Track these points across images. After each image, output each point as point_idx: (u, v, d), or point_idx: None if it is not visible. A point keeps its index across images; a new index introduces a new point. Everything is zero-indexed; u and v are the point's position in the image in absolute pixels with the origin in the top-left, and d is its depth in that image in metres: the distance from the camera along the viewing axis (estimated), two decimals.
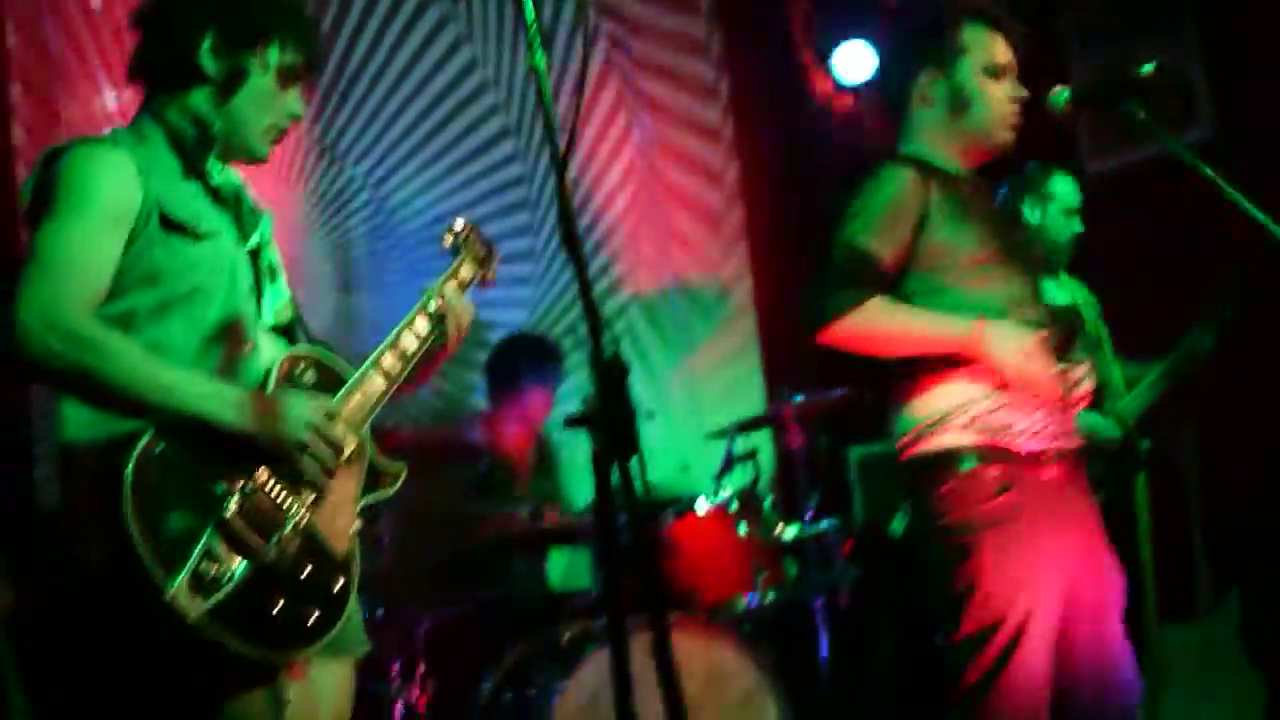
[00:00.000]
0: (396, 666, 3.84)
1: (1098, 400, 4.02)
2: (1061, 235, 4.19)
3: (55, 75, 4.32)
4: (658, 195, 5.85)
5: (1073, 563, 2.67)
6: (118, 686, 2.12)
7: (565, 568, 4.78)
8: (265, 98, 2.36)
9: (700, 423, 5.14)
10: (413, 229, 5.16)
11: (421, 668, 3.87)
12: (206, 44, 2.32)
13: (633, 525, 1.86)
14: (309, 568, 2.19)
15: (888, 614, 5.02)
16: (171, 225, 2.23)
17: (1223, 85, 4.98)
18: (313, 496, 2.23)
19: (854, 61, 5.69)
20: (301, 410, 2.20)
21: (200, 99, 2.33)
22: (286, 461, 2.18)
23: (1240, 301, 3.99)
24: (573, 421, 1.91)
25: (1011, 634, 2.58)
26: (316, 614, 2.18)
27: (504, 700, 3.78)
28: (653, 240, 5.80)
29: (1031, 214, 4.18)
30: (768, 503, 4.31)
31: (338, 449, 2.23)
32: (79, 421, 2.17)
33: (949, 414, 2.68)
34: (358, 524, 2.33)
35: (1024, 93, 2.90)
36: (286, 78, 2.39)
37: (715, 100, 6.03)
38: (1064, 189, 4.21)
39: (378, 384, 2.38)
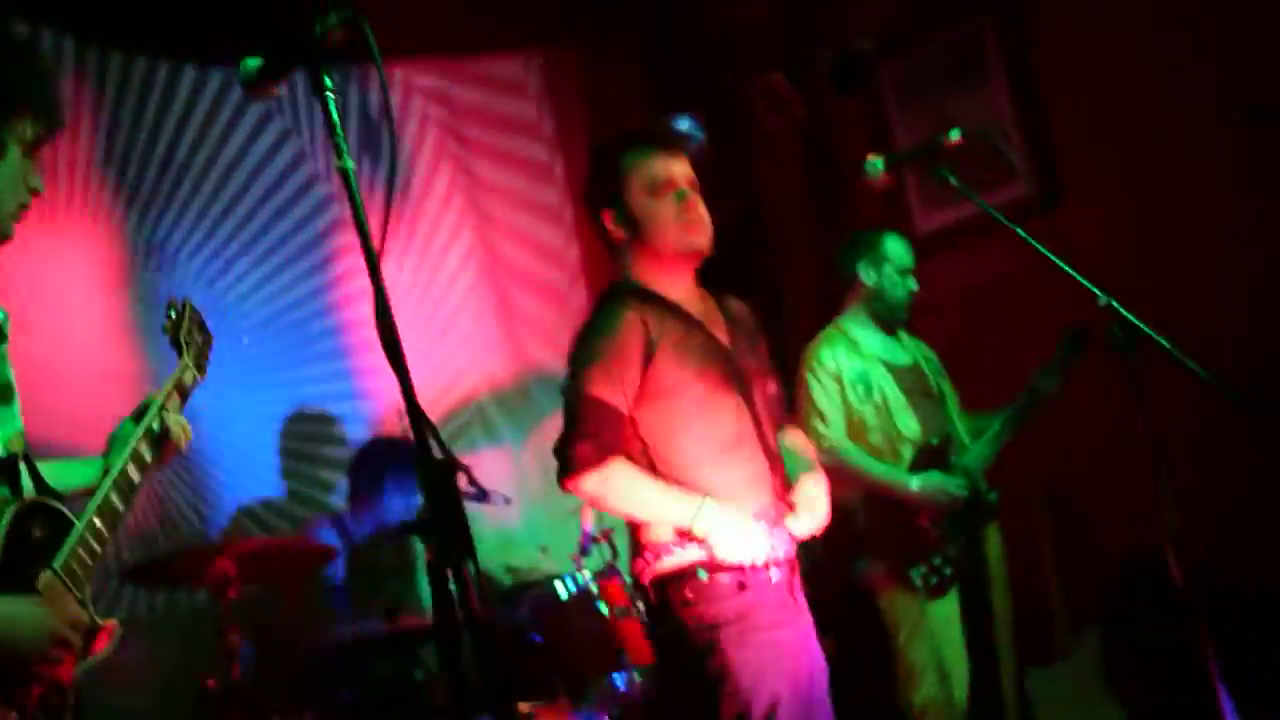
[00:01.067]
0: None
1: (944, 454, 4.12)
2: (899, 294, 4.31)
3: None
4: (500, 278, 5.85)
5: (801, 653, 2.93)
6: None
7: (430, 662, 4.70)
8: (16, 175, 2.25)
9: (557, 504, 5.10)
10: (247, 326, 5.05)
11: None
12: None
13: (472, 628, 1.83)
14: None
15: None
16: None
17: (1037, 138, 5.16)
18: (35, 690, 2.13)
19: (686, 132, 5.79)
20: (45, 626, 2.11)
21: None
22: (25, 673, 2.09)
23: (1078, 348, 4.12)
24: (406, 529, 1.88)
25: (765, 713, 2.81)
26: None
27: None
28: (498, 323, 5.79)
29: (867, 275, 4.29)
30: (629, 582, 4.30)
31: (75, 654, 2.17)
32: None
33: (677, 538, 2.91)
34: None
35: (693, 199, 3.05)
36: (34, 150, 2.28)
37: (551, 181, 6.06)
38: (896, 249, 4.33)
39: (102, 533, 2.27)
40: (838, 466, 4.08)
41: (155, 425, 2.43)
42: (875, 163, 3.41)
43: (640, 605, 4.09)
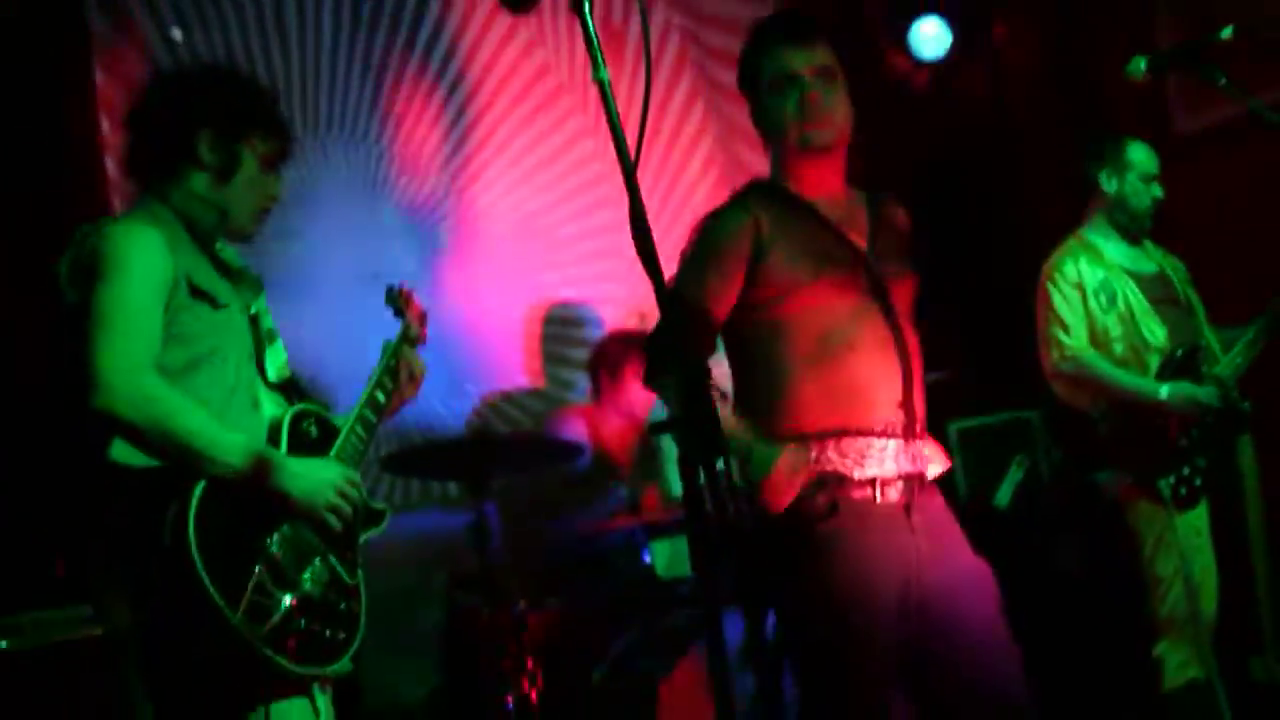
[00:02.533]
0: (506, 661, 3.91)
1: (1194, 364, 3.98)
2: (1142, 203, 4.17)
3: None
4: (739, 183, 5.84)
5: (889, 574, 2.70)
6: (184, 695, 2.45)
7: (669, 556, 4.84)
8: (254, 182, 2.73)
9: None
10: (497, 233, 5.24)
11: (530, 661, 3.94)
12: (204, 137, 2.67)
13: (722, 523, 1.90)
14: (333, 596, 2.59)
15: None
16: (198, 293, 2.58)
17: None
18: (328, 537, 2.62)
19: (930, 38, 5.67)
20: (330, 475, 2.61)
21: (200, 183, 2.69)
22: (313, 514, 2.57)
23: None
24: (657, 428, 1.96)
25: (819, 647, 2.67)
26: (342, 635, 2.59)
27: (613, 689, 3.85)
28: None
29: (1109, 184, 4.17)
30: None
31: (356, 508, 2.66)
32: (125, 450, 2.47)
33: (785, 439, 2.72)
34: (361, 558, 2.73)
35: (811, 90, 2.83)
36: (269, 164, 2.75)
37: None
38: (1140, 156, 4.18)
39: (362, 434, 2.82)
40: (1081, 376, 4.02)
41: (392, 363, 3.02)
42: (1139, 62, 3.27)
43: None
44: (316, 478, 2.58)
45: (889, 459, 2.75)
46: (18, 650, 3.36)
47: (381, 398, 2.93)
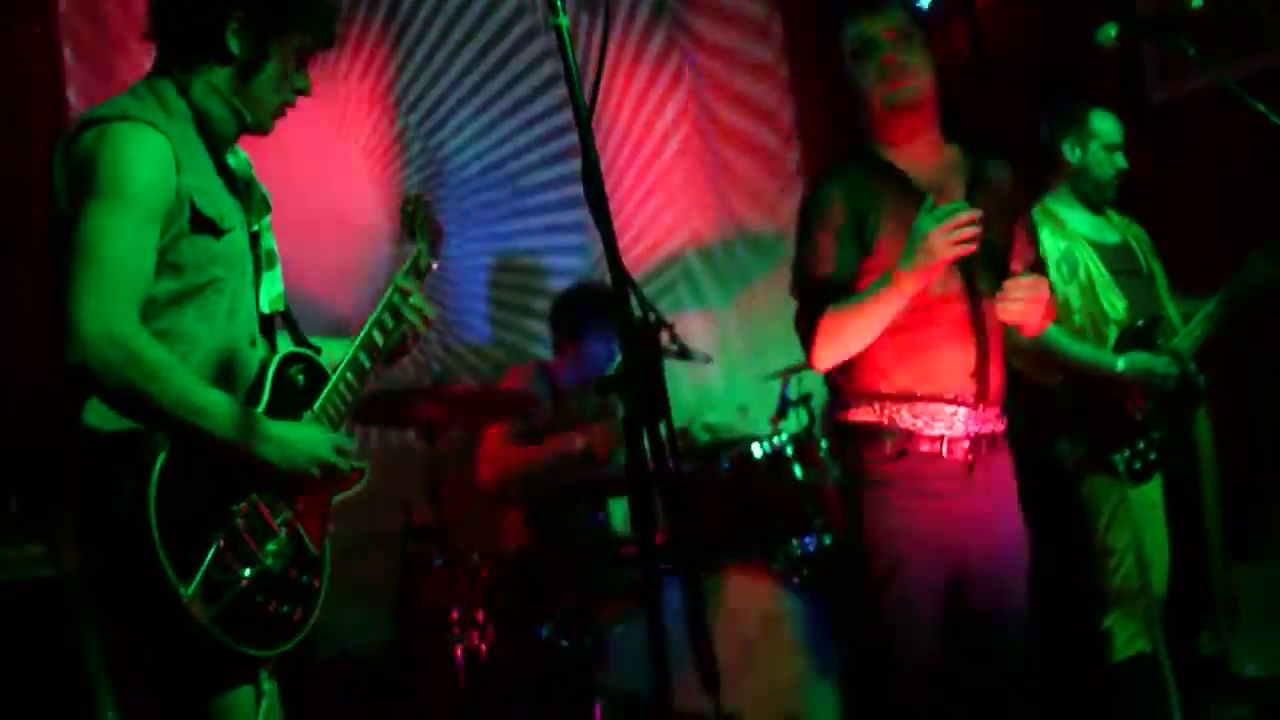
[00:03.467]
0: (456, 613, 3.89)
1: (1151, 335, 3.96)
2: (1104, 172, 4.14)
3: (105, 36, 4.37)
4: (712, 137, 5.81)
5: (958, 527, 2.97)
6: (131, 664, 2.34)
7: (625, 513, 4.83)
8: (282, 79, 2.45)
9: (759, 365, 5.13)
10: (465, 177, 5.17)
11: (481, 614, 3.92)
12: (234, 26, 2.38)
13: (662, 484, 1.87)
14: (294, 570, 2.38)
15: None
16: (201, 221, 2.33)
17: None
18: (299, 505, 2.40)
19: None
20: (317, 446, 2.38)
21: (222, 78, 2.41)
22: (291, 484, 2.35)
23: None
24: (603, 385, 1.92)
25: (877, 582, 2.97)
26: (300, 611, 2.38)
27: (563, 644, 3.84)
28: (708, 182, 5.77)
29: (1071, 153, 4.14)
30: (823, 446, 4.31)
31: (340, 480, 2.44)
32: (98, 411, 2.26)
33: (858, 395, 3.02)
34: (332, 526, 2.50)
35: (888, 51, 2.99)
36: (302, 59, 2.48)
37: (769, 39, 5.96)
38: (1104, 125, 4.14)
39: (352, 382, 2.55)
40: (1039, 348, 3.97)
41: (396, 300, 2.66)
42: (1109, 29, 3.23)
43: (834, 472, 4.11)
44: (298, 446, 2.34)
45: (959, 422, 2.97)
46: None
47: (379, 339, 2.60)
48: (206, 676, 2.30)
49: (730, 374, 5.45)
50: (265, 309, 2.50)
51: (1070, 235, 4.09)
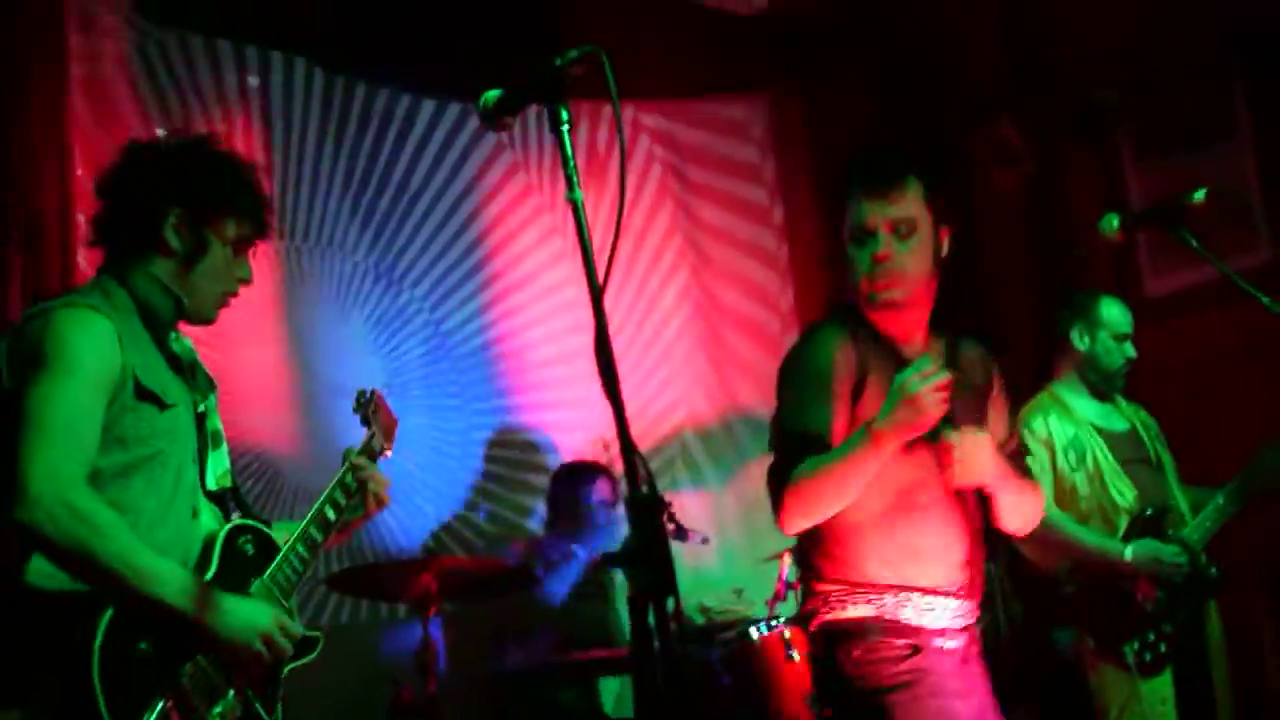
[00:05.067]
0: None
1: (1160, 525, 3.94)
2: (1114, 361, 4.14)
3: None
4: (713, 318, 5.87)
5: None
6: None
7: (618, 695, 4.72)
8: (221, 268, 2.57)
9: (756, 546, 5.08)
10: (466, 352, 5.21)
11: None
12: (171, 220, 2.51)
13: (667, 663, 1.82)
14: None
15: None
16: (144, 394, 2.42)
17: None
18: (249, 669, 2.45)
19: None
20: (259, 619, 2.43)
21: (163, 269, 2.53)
22: (234, 652, 2.39)
23: None
24: (609, 560, 1.90)
25: None
26: None
27: None
28: (708, 363, 5.81)
29: (1081, 341, 4.15)
30: None
31: (282, 655, 2.47)
32: (41, 570, 2.30)
33: (848, 591, 2.81)
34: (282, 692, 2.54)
35: (881, 249, 2.82)
36: (240, 248, 2.60)
37: (769, 224, 6.08)
38: (1113, 314, 4.16)
39: (303, 554, 2.62)
40: (1046, 535, 3.92)
41: (348, 479, 2.78)
42: (1111, 220, 3.29)
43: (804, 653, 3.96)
44: (246, 620, 2.40)
45: (955, 615, 2.83)
46: None
47: (331, 515, 2.69)
48: None
49: (726, 555, 5.40)
50: (213, 485, 2.59)
51: (1078, 421, 4.09)
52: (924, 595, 2.79)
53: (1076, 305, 4.20)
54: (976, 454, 2.77)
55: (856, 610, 2.80)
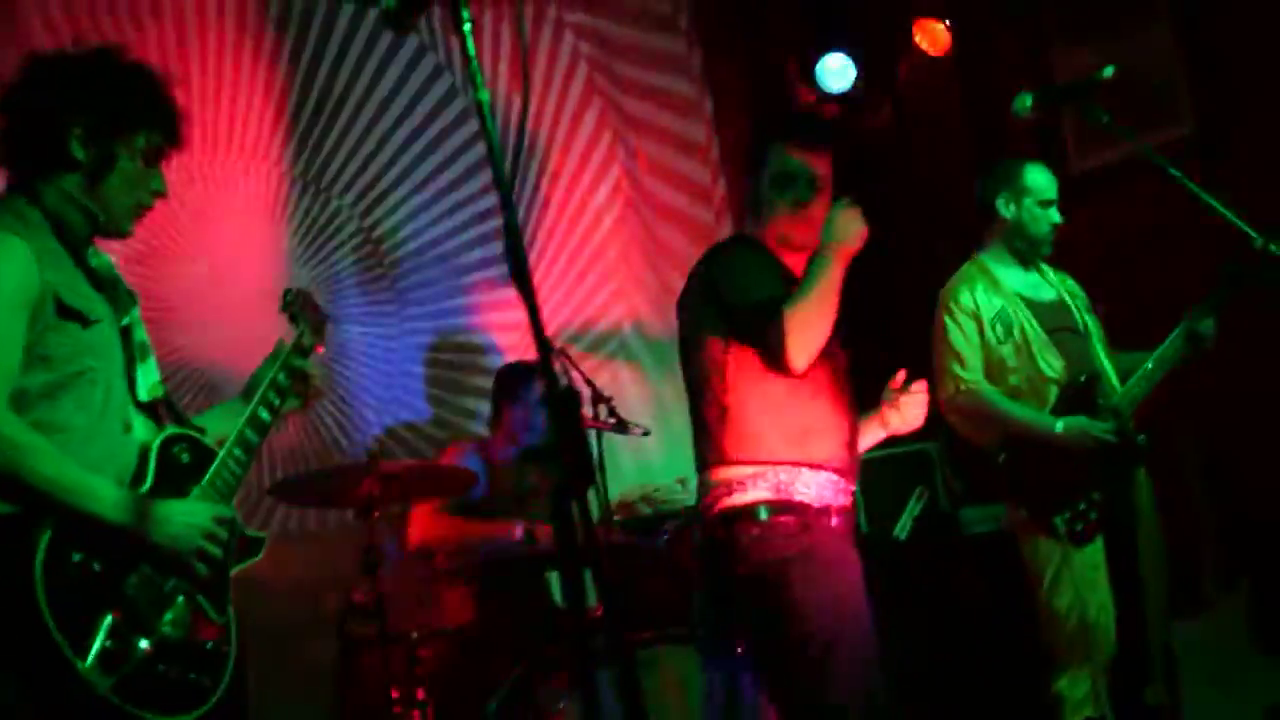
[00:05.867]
0: (397, 692, 3.85)
1: (1091, 395, 3.97)
2: (1040, 228, 4.11)
3: None
4: (646, 214, 5.87)
5: (859, 597, 3.06)
6: None
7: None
8: (132, 180, 2.53)
9: None
10: (401, 257, 5.20)
11: (422, 692, 3.88)
12: (76, 134, 2.47)
13: (589, 555, 1.87)
14: (197, 638, 2.46)
15: (892, 618, 5.01)
16: (67, 312, 2.41)
17: (1200, 80, 4.98)
18: (198, 578, 2.48)
19: (837, 71, 5.73)
20: (197, 518, 2.46)
21: (73, 183, 2.49)
22: (177, 556, 2.43)
23: (1236, 286, 3.95)
24: (529, 455, 1.93)
25: (829, 639, 2.96)
26: (207, 679, 2.45)
27: None
28: (643, 258, 5.82)
29: (1006, 209, 4.11)
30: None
31: (226, 550, 2.52)
32: None
33: (749, 475, 3.07)
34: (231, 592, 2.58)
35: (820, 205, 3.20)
36: (151, 159, 2.56)
37: (699, 117, 6.05)
38: (1038, 180, 4.11)
39: (241, 457, 2.63)
40: (977, 409, 3.99)
41: (280, 379, 2.78)
42: (1025, 99, 3.31)
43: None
44: (182, 522, 2.43)
45: (840, 492, 3.12)
46: None
47: (266, 416, 2.71)
48: None
49: (669, 446, 5.46)
50: (144, 397, 2.58)
51: (1005, 293, 4.07)
52: (818, 471, 3.07)
53: (1001, 173, 4.16)
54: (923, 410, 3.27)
55: (756, 493, 3.06)
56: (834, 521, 3.08)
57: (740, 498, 3.07)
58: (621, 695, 1.84)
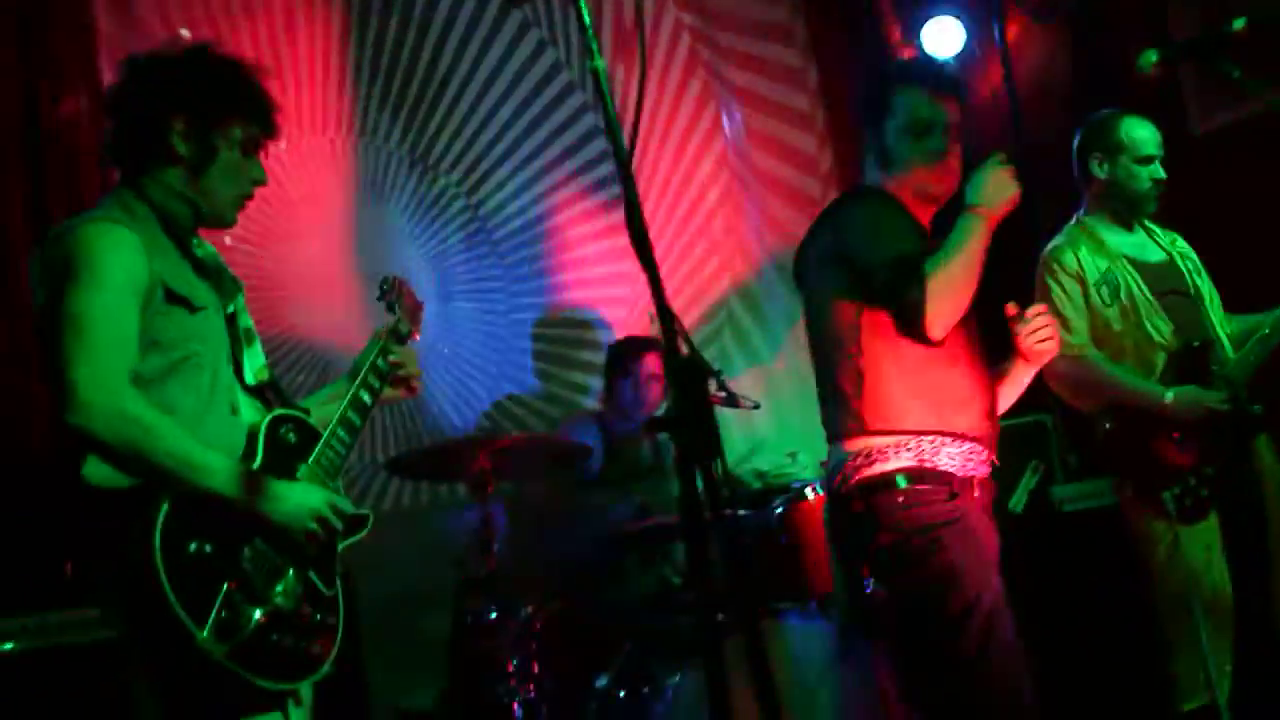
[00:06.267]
0: (512, 665, 3.87)
1: (1203, 361, 3.77)
2: (1139, 186, 3.88)
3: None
4: (752, 184, 5.82)
5: (997, 565, 2.96)
6: (165, 704, 2.42)
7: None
8: (233, 171, 2.63)
9: (807, 409, 5.08)
10: (506, 233, 5.21)
11: (536, 666, 3.90)
12: (177, 130, 2.57)
13: (717, 525, 1.85)
14: (308, 609, 2.54)
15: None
16: (174, 298, 2.51)
17: None
18: (306, 549, 2.55)
19: (943, 36, 5.62)
20: (311, 499, 2.54)
21: (176, 177, 2.60)
22: (290, 535, 2.50)
23: None
24: (653, 425, 1.91)
25: (989, 608, 2.85)
26: (317, 648, 2.54)
27: (619, 695, 3.80)
28: (750, 229, 5.78)
29: (1100, 169, 3.91)
30: None
31: (335, 532, 2.59)
32: (97, 471, 2.41)
33: (890, 444, 2.93)
34: (341, 568, 2.66)
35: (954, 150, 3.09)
36: (249, 149, 2.65)
37: (804, 87, 5.98)
38: (1136, 135, 3.89)
39: (344, 438, 2.72)
40: (1082, 376, 3.82)
41: (380, 362, 2.86)
42: (1149, 54, 3.16)
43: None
44: (298, 502, 2.51)
45: (982, 462, 2.99)
46: (25, 651, 3.36)
47: (367, 399, 2.80)
48: (230, 709, 2.41)
49: (779, 420, 5.42)
50: (251, 380, 2.68)
51: (1111, 254, 3.89)
52: (960, 441, 2.94)
53: (1093, 130, 3.95)
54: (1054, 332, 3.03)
55: (899, 461, 2.92)
56: (977, 493, 2.96)
57: (881, 467, 2.93)
58: (749, 666, 1.81)
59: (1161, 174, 3.90)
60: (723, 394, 4.34)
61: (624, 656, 3.89)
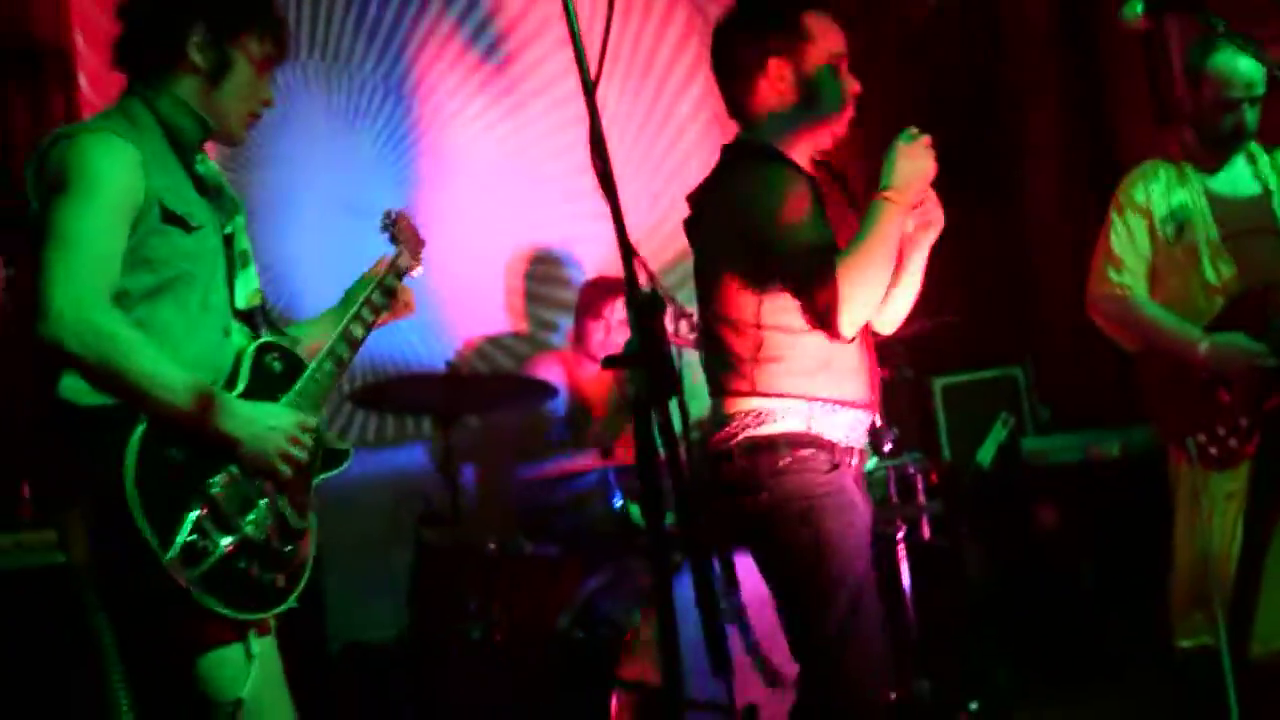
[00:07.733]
0: (473, 603, 3.87)
1: (1261, 308, 3.59)
2: (1222, 126, 3.68)
3: None
4: (732, 125, 5.74)
5: (868, 539, 2.86)
6: (121, 630, 2.45)
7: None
8: (246, 87, 2.58)
9: None
10: (480, 166, 5.15)
11: (497, 604, 3.90)
12: (194, 39, 2.51)
13: (672, 464, 1.82)
14: (277, 540, 2.50)
15: (972, 545, 4.95)
16: (170, 217, 2.45)
17: None
18: (282, 482, 2.52)
19: None
20: (283, 422, 2.50)
21: (187, 89, 2.54)
22: (260, 459, 2.46)
23: None
24: (610, 362, 1.88)
25: (854, 589, 2.76)
26: (284, 580, 2.50)
27: (579, 634, 3.80)
28: None
29: (1190, 95, 3.72)
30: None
31: (310, 455, 2.55)
32: (73, 386, 2.38)
33: (779, 408, 2.80)
34: (314, 500, 2.62)
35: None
36: (264, 67, 2.60)
37: None
38: (1221, 66, 3.63)
39: (330, 370, 2.67)
40: (1123, 315, 3.73)
41: (374, 296, 2.80)
42: (1135, 4, 3.11)
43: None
44: (266, 424, 2.47)
45: (862, 432, 2.91)
46: None
47: (359, 332, 2.75)
48: (191, 636, 2.40)
49: None
50: (242, 305, 2.62)
51: (1192, 189, 3.72)
52: (848, 409, 2.83)
53: (1191, 50, 3.73)
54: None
55: (786, 424, 2.79)
56: (854, 461, 2.86)
57: (768, 429, 2.79)
58: (698, 605, 1.80)
59: (1248, 121, 3.68)
60: (693, 335, 4.30)
61: (584, 596, 3.89)
